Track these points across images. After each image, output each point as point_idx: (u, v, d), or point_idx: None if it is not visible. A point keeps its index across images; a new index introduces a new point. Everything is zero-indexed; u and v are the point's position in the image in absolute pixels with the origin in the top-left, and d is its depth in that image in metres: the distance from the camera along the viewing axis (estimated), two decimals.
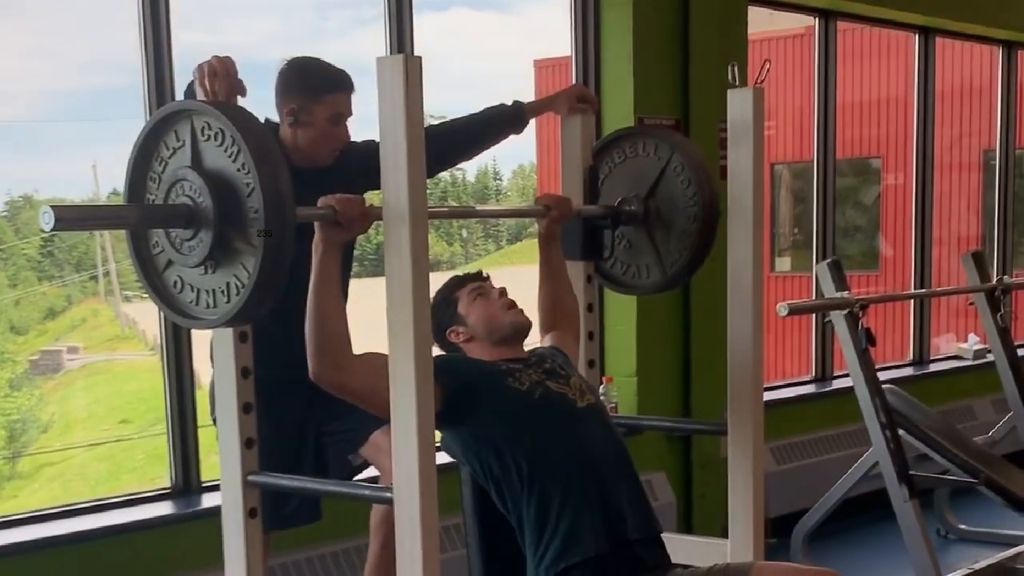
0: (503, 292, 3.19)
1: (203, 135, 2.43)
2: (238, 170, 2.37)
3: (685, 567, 2.95)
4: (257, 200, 2.33)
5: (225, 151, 2.39)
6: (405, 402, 2.48)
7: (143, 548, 4.10)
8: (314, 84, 3.40)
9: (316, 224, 2.65)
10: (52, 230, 2.27)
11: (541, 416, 2.95)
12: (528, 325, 3.18)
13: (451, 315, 3.16)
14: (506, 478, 2.91)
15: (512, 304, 3.17)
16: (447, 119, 3.71)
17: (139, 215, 2.52)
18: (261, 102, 3.38)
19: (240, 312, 2.42)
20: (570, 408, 3.01)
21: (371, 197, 2.85)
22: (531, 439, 2.91)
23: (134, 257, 2.58)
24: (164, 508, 4.29)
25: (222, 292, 2.45)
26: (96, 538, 4.03)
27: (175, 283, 2.54)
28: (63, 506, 4.23)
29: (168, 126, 2.49)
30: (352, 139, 3.49)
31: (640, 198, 3.56)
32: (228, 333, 2.78)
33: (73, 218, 2.37)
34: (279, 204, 2.34)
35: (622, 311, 5.46)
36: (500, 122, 3.67)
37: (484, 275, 3.27)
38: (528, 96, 3.70)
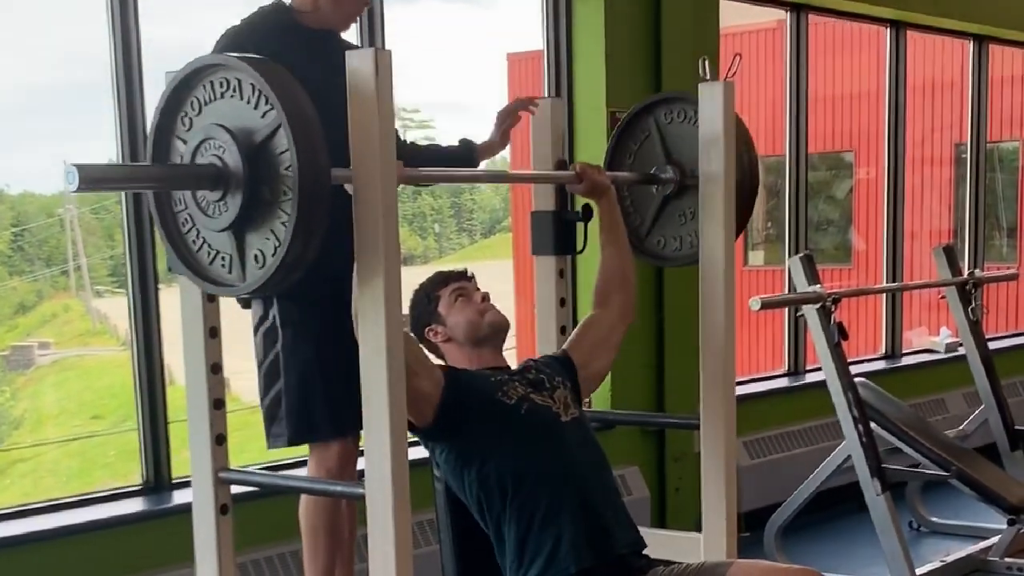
0: (485, 297, 3.18)
1: (232, 91, 2.34)
2: (272, 132, 2.28)
3: (666, 563, 2.95)
4: (292, 183, 2.25)
5: (255, 108, 2.30)
6: (377, 396, 2.46)
7: (115, 545, 4.08)
8: None
9: None
10: (76, 190, 2.17)
11: (525, 432, 2.96)
12: (506, 324, 3.17)
13: (431, 313, 3.15)
14: (488, 499, 2.92)
15: (491, 307, 3.17)
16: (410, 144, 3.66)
17: (164, 175, 2.44)
18: None
19: (271, 278, 2.32)
20: (554, 422, 3.01)
21: None
22: (514, 458, 2.92)
23: (158, 220, 2.48)
24: (136, 505, 4.27)
25: (253, 257, 2.36)
26: (68, 535, 4.01)
27: (201, 248, 2.45)
28: (34, 503, 4.21)
29: (195, 81, 2.40)
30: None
31: (669, 161, 3.53)
32: (199, 330, 2.77)
33: (97, 178, 2.28)
34: (314, 166, 2.26)
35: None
36: (454, 161, 3.63)
37: (468, 274, 3.25)
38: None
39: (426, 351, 3.10)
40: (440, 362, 3.18)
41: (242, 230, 2.35)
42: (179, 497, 4.25)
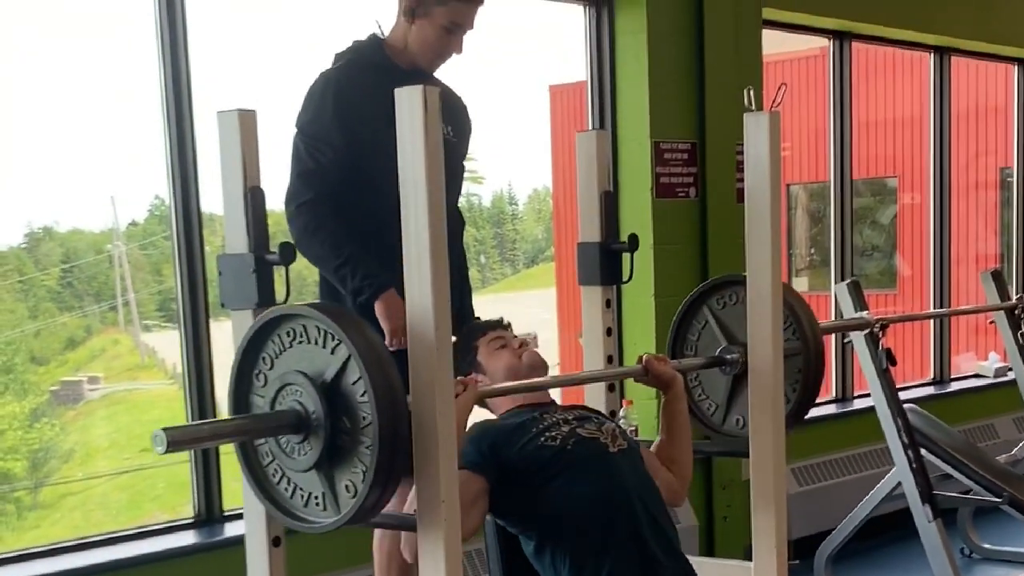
0: (523, 343, 3.21)
1: (299, 338, 2.41)
2: (343, 365, 2.34)
3: None
4: (370, 409, 2.30)
5: (324, 347, 2.37)
6: (428, 432, 2.47)
7: None
8: None
9: None
10: (165, 452, 2.23)
11: (575, 467, 2.95)
12: (544, 364, 3.19)
13: (470, 363, 3.18)
14: (541, 535, 2.93)
15: (527, 348, 3.19)
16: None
17: (249, 427, 2.47)
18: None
19: (354, 517, 2.37)
20: (603, 453, 3.01)
21: None
22: (565, 494, 2.92)
23: (242, 461, 2.53)
24: (188, 538, 4.30)
25: (335, 496, 2.40)
26: (120, 568, 4.04)
27: (283, 483, 2.50)
28: (86, 537, 4.25)
29: (272, 329, 2.46)
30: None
31: (732, 342, 3.51)
32: None
33: (183, 439, 2.34)
34: (394, 414, 2.32)
35: (641, 334, 5.47)
36: None
37: (504, 323, 3.28)
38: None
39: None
40: (490, 416, 3.20)
41: (329, 466, 2.39)
42: (231, 530, 4.28)
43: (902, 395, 5.11)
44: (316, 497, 2.44)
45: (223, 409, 4.21)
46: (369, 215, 3.33)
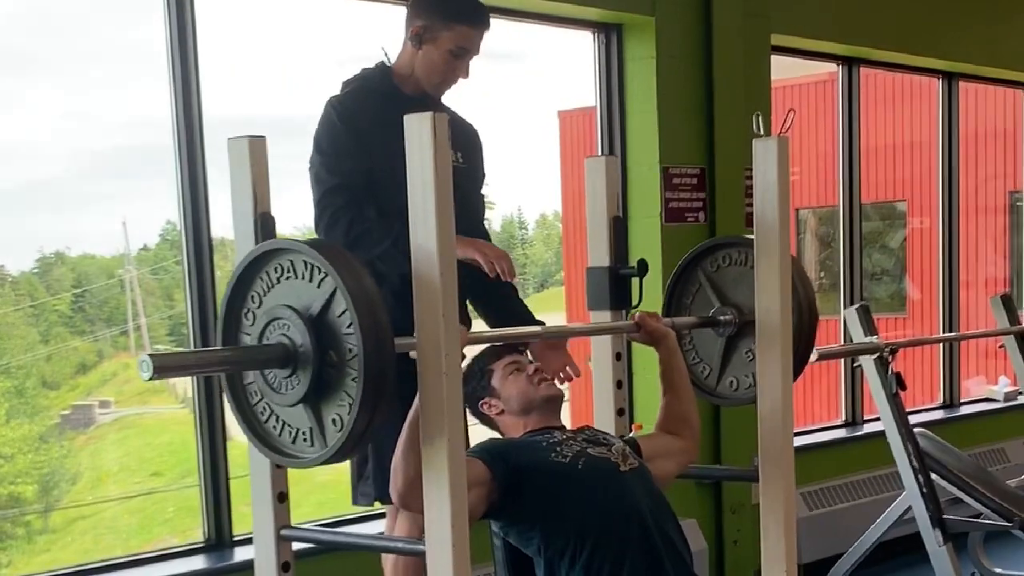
0: (538, 369, 3.23)
1: (287, 274, 2.42)
2: (330, 297, 2.34)
3: None
4: (356, 340, 2.30)
5: (311, 281, 2.38)
6: (437, 460, 2.48)
7: None
8: (448, 8, 3.37)
9: None
10: (150, 378, 2.23)
11: (585, 485, 2.96)
12: (560, 395, 3.21)
13: (484, 387, 3.20)
14: (555, 556, 2.93)
15: (544, 378, 3.21)
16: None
17: (236, 358, 2.48)
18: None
19: (340, 450, 2.38)
20: (613, 472, 3.02)
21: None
22: (577, 512, 2.93)
23: (229, 395, 2.54)
24: (198, 562, 4.30)
25: (321, 430, 2.41)
26: None
27: (271, 421, 2.50)
28: (96, 562, 4.25)
29: (263, 264, 2.46)
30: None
31: (725, 304, 3.55)
32: None
33: (171, 366, 2.37)
34: (379, 345, 2.32)
35: (651, 358, 5.45)
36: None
37: (520, 348, 3.30)
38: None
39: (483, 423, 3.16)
40: (495, 434, 3.22)
41: (316, 400, 2.40)
42: (240, 554, 4.29)
43: (912, 419, 5.11)
44: (304, 433, 2.45)
45: (234, 433, 4.23)
46: None
